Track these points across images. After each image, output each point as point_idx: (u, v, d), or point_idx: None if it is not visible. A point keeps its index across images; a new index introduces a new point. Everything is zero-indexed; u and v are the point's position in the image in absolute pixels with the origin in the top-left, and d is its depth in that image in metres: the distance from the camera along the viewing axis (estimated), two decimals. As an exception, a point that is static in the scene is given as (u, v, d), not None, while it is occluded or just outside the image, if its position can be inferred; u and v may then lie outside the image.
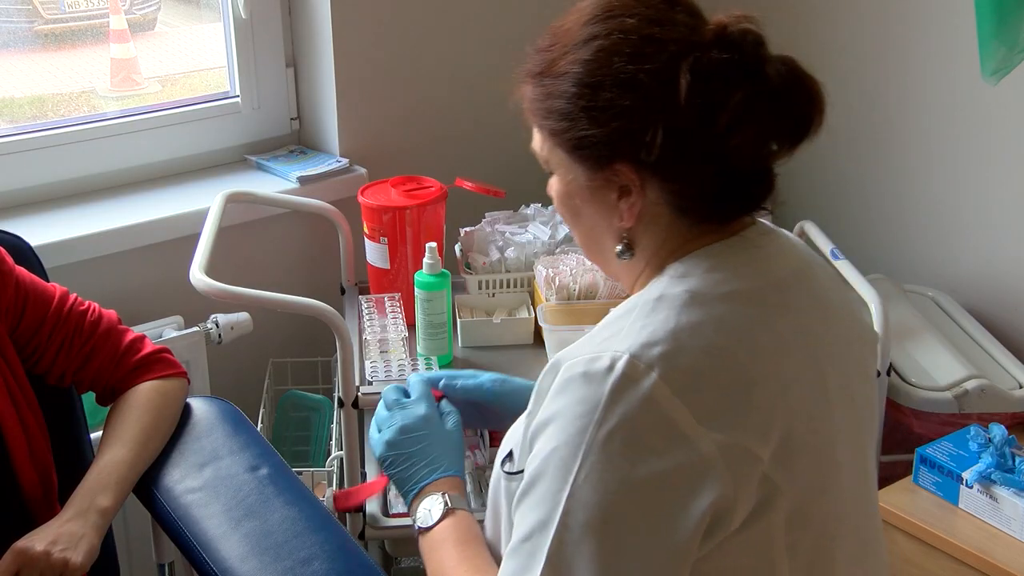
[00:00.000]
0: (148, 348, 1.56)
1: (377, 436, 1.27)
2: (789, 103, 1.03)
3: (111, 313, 1.56)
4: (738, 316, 1.03)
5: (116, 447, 1.45)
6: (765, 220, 1.14)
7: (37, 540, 1.31)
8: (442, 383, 1.34)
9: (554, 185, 1.14)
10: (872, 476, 1.19)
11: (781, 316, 1.06)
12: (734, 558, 1.01)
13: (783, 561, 1.03)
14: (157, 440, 1.51)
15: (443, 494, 1.20)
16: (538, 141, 1.13)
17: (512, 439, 1.14)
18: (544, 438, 1.01)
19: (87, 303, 1.54)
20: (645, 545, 0.97)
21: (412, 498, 1.23)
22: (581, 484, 0.97)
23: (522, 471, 1.05)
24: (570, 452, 0.98)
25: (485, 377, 1.35)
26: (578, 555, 0.97)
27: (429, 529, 1.19)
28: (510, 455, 1.12)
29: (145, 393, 1.51)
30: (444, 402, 1.32)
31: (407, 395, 1.32)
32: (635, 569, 0.97)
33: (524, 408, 1.14)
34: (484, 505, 1.25)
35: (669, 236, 1.09)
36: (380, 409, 1.31)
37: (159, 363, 1.55)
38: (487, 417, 1.36)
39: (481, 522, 1.21)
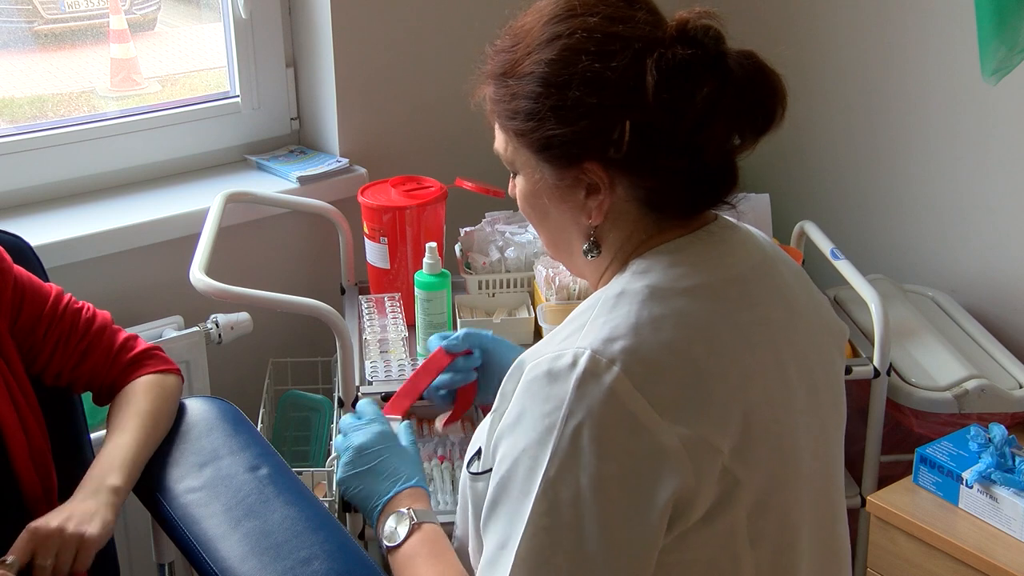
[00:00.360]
0: (141, 346, 1.57)
1: (338, 464, 1.29)
2: (753, 96, 1.05)
3: (105, 313, 1.56)
4: (698, 310, 1.04)
5: (121, 433, 1.46)
6: (727, 215, 1.15)
7: (51, 518, 1.32)
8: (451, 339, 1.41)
9: (518, 185, 1.15)
10: (838, 466, 1.19)
11: (742, 309, 1.07)
12: (697, 551, 1.02)
13: (746, 552, 1.04)
14: (161, 425, 1.52)
15: (408, 509, 1.21)
16: (501, 142, 1.14)
17: (479, 438, 1.15)
18: (511, 439, 1.02)
19: (81, 303, 1.54)
20: (616, 538, 0.98)
21: (377, 516, 1.23)
22: (552, 482, 0.98)
23: (489, 471, 1.06)
24: (539, 451, 0.99)
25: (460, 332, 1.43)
26: (553, 552, 0.98)
27: (398, 547, 1.19)
28: (478, 453, 1.13)
29: (144, 384, 1.53)
30: (400, 423, 1.34)
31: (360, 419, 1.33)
32: (607, 562, 0.98)
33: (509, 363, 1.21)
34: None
35: (635, 232, 1.10)
36: (337, 439, 1.33)
37: (153, 359, 1.56)
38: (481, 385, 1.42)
39: (450, 530, 1.22)
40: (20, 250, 1.60)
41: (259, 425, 2.06)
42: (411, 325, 1.97)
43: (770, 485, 1.05)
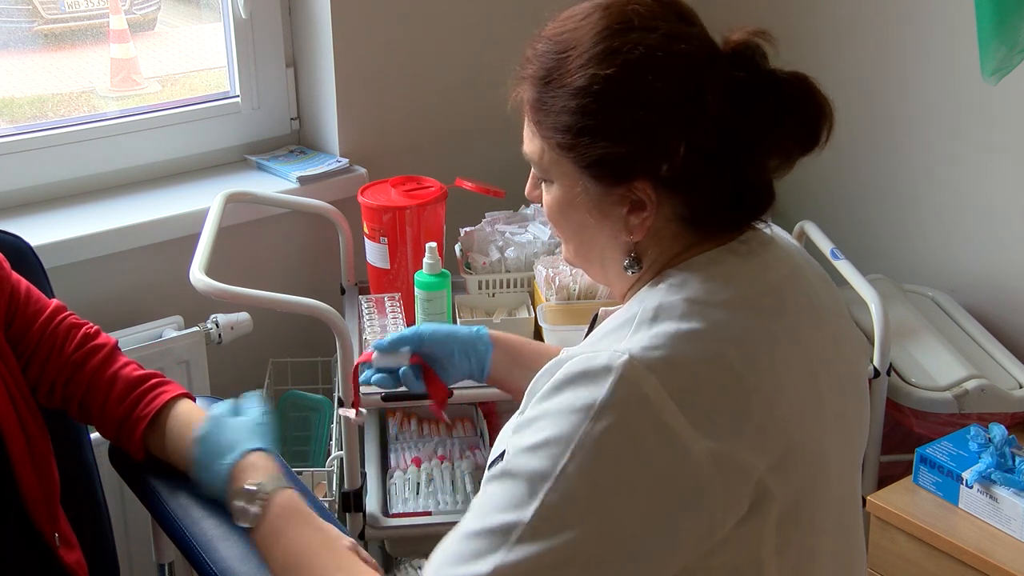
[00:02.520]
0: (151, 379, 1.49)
1: None
2: (804, 118, 1.05)
3: (109, 338, 1.51)
4: (735, 323, 1.03)
5: None
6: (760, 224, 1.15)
7: None
8: (374, 344, 1.42)
9: (551, 194, 1.12)
10: (858, 477, 1.19)
11: (776, 320, 1.06)
12: (722, 557, 1.01)
13: (771, 561, 1.04)
14: None
15: (251, 484, 1.22)
16: (535, 148, 1.11)
17: (503, 440, 1.12)
18: (533, 430, 0.99)
19: (85, 322, 1.50)
20: (626, 545, 0.96)
21: (225, 496, 1.24)
22: (568, 476, 0.95)
23: None
24: (561, 445, 0.96)
25: (412, 329, 1.44)
26: (551, 547, 0.94)
27: (257, 528, 1.20)
28: (501, 456, 1.10)
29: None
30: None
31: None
32: (614, 565, 0.96)
33: (455, 355, 1.36)
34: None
35: (672, 246, 1.09)
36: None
37: (165, 385, 1.49)
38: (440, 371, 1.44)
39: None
40: (20, 250, 1.60)
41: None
42: (411, 325, 1.96)
43: (801, 497, 1.04)
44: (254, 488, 1.23)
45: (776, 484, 1.00)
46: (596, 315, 1.26)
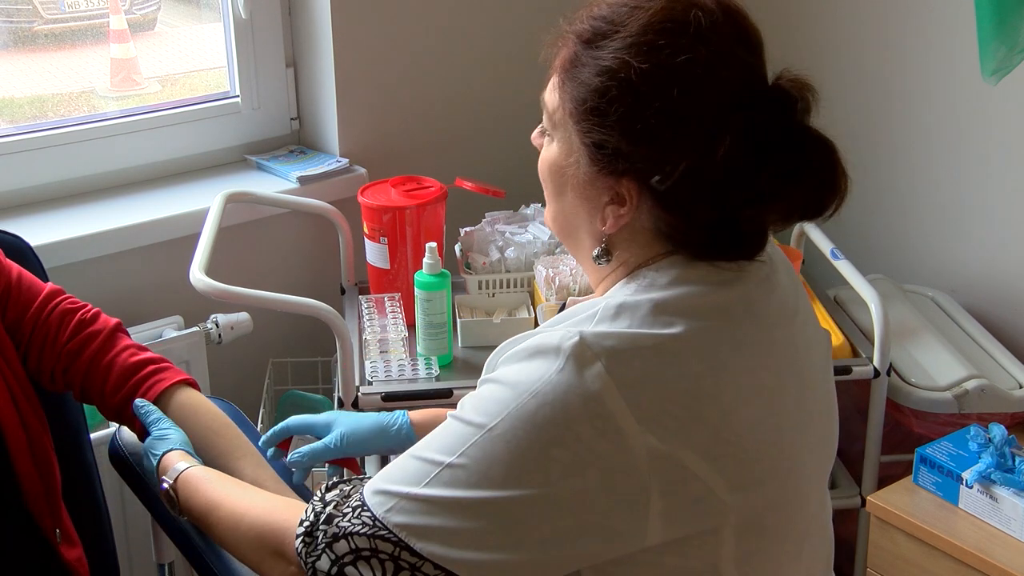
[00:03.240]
0: (146, 356, 1.48)
1: None
2: (818, 185, 1.03)
3: (109, 319, 1.50)
4: (697, 329, 1.02)
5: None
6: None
7: None
8: (289, 460, 1.42)
9: (548, 151, 1.11)
10: (827, 480, 1.19)
11: (743, 328, 1.05)
12: (673, 559, 1.01)
13: (730, 570, 1.03)
14: None
15: (166, 475, 1.29)
16: (553, 101, 1.08)
17: None
18: (485, 389, 1.03)
19: (81, 304, 1.49)
20: (532, 518, 0.98)
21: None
22: (494, 437, 0.98)
23: None
24: (500, 407, 0.99)
25: (333, 438, 1.40)
26: (462, 496, 0.98)
27: (177, 504, 1.27)
28: None
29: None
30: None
31: None
32: (514, 536, 0.98)
33: (374, 449, 1.37)
34: None
35: (647, 252, 1.07)
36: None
37: (166, 371, 1.48)
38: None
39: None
40: (20, 250, 1.60)
41: (259, 425, 2.06)
42: (411, 325, 1.96)
43: (767, 507, 1.03)
44: (164, 487, 1.29)
45: (731, 493, 1.00)
46: (564, 303, 1.25)
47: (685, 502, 0.98)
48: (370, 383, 1.85)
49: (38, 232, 1.86)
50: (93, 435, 1.66)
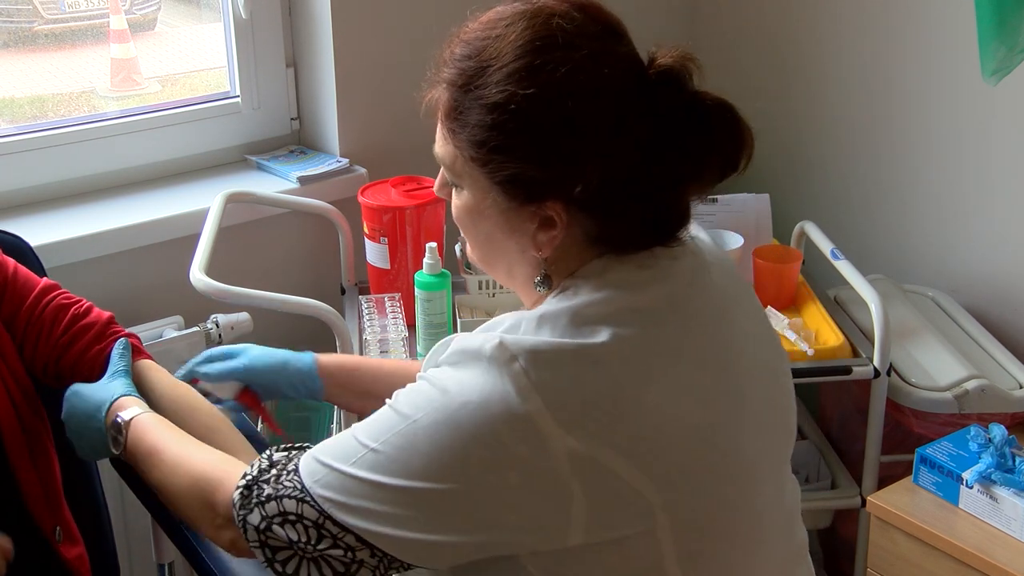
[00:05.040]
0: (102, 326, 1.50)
1: None
2: (726, 149, 1.04)
3: (102, 313, 1.51)
4: (623, 336, 1.01)
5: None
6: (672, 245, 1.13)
7: None
8: (188, 370, 1.45)
9: (460, 200, 1.10)
10: (784, 474, 1.17)
11: (671, 329, 1.05)
12: (612, 558, 1.02)
13: (674, 569, 1.03)
14: None
15: (122, 412, 1.29)
16: (448, 153, 1.09)
17: None
18: (409, 387, 1.05)
19: (75, 299, 1.50)
20: (448, 513, 1.00)
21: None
22: (417, 428, 1.00)
23: None
24: (421, 402, 1.01)
25: (241, 360, 1.44)
26: (380, 481, 1.01)
27: (124, 443, 1.28)
28: None
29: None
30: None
31: None
32: (429, 528, 1.00)
33: (283, 389, 1.41)
34: None
35: (578, 260, 1.07)
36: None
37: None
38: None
39: None
40: (20, 250, 1.60)
41: (259, 426, 2.06)
42: (411, 325, 1.96)
43: (703, 504, 1.03)
44: (119, 421, 1.30)
45: (659, 493, 0.99)
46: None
47: (610, 503, 0.99)
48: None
49: (38, 232, 1.86)
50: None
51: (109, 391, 1.34)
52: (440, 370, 1.04)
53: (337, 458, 1.04)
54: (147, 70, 2.28)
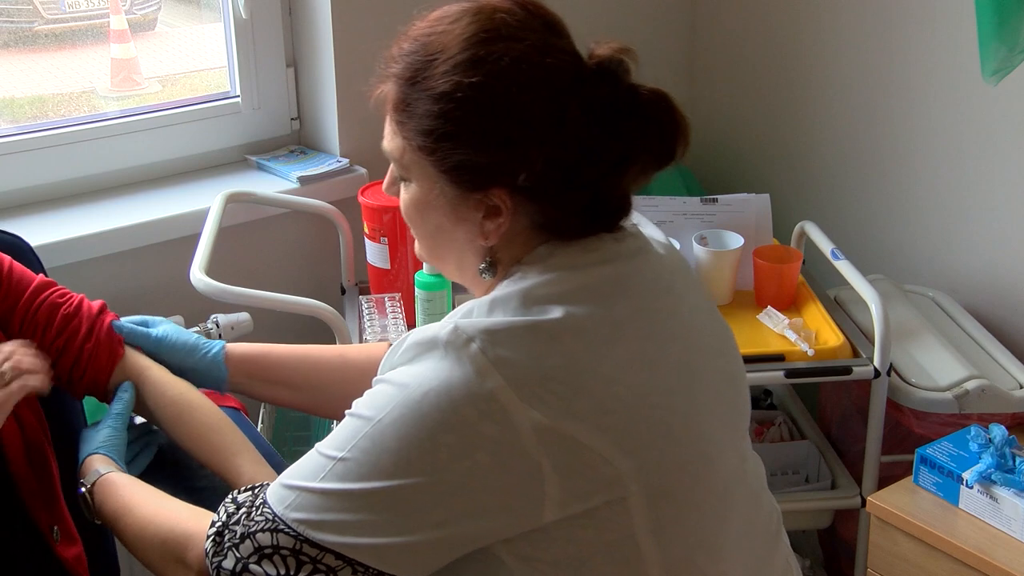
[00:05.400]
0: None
1: None
2: (663, 137, 1.07)
3: (92, 305, 1.49)
4: (573, 313, 1.04)
5: None
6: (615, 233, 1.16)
7: None
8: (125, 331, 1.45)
9: (408, 193, 1.13)
10: (743, 450, 1.19)
11: (617, 304, 1.07)
12: (586, 532, 1.03)
13: (648, 539, 1.04)
14: None
15: (84, 478, 1.31)
16: (396, 146, 1.12)
17: None
18: (367, 393, 1.06)
19: (68, 296, 1.48)
20: (426, 506, 1.01)
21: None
22: (381, 429, 1.01)
23: None
24: (382, 402, 1.02)
25: (154, 331, 1.46)
26: (354, 488, 1.01)
27: (92, 508, 1.29)
28: None
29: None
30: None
31: None
32: (407, 524, 1.01)
33: (188, 374, 1.41)
34: None
35: (524, 249, 1.10)
36: None
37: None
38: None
39: None
40: (20, 250, 1.59)
41: (259, 425, 2.06)
42: (411, 325, 1.96)
43: (667, 467, 1.05)
44: (82, 491, 1.32)
45: (626, 459, 1.02)
46: None
47: (580, 474, 1.01)
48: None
49: (38, 232, 1.86)
50: (93, 435, 1.65)
51: (84, 449, 1.37)
52: (396, 370, 1.05)
53: (305, 478, 1.05)
54: (147, 70, 2.28)
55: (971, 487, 1.76)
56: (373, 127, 2.30)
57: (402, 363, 1.06)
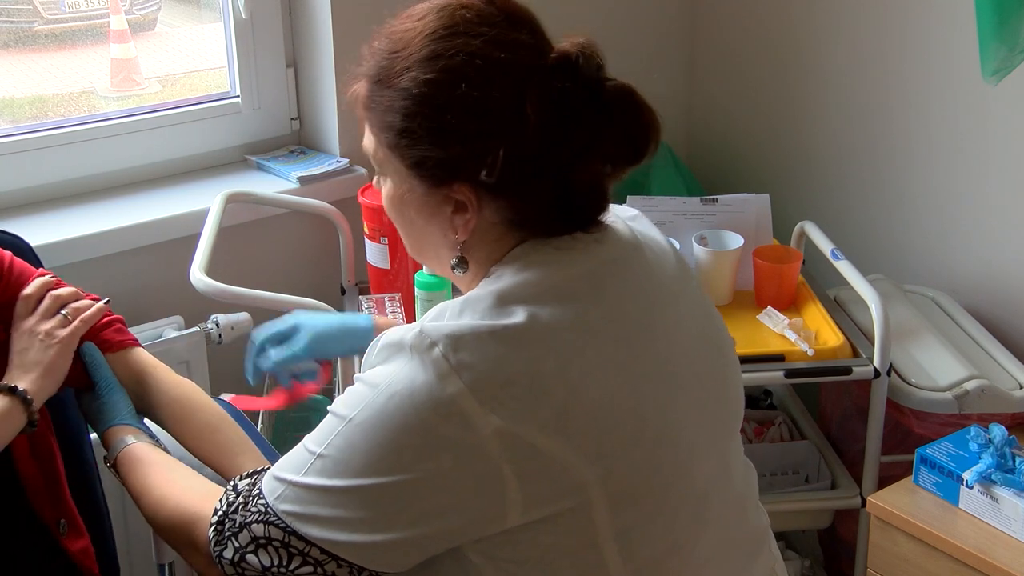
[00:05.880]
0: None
1: None
2: (629, 131, 1.07)
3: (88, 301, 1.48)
4: (542, 315, 1.04)
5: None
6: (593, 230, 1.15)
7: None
8: (252, 362, 1.49)
9: (385, 188, 1.16)
10: (731, 455, 1.18)
11: (591, 306, 1.06)
12: (548, 538, 1.03)
13: (610, 546, 1.04)
14: None
15: (109, 450, 1.34)
16: (371, 143, 1.14)
17: None
18: (347, 390, 1.08)
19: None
20: (391, 506, 1.02)
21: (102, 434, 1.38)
22: (352, 429, 1.03)
23: None
24: (355, 401, 1.04)
25: (297, 346, 1.47)
26: (329, 484, 1.04)
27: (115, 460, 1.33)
28: None
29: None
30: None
31: None
32: (374, 523, 1.02)
33: (344, 349, 1.45)
34: None
35: (501, 247, 1.10)
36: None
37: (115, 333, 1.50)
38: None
39: None
40: (20, 250, 1.59)
41: (259, 425, 2.06)
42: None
43: (634, 475, 1.04)
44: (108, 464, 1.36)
45: (589, 466, 1.01)
46: None
47: (541, 480, 1.01)
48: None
49: (38, 232, 1.86)
50: (93, 435, 1.66)
51: (107, 417, 1.39)
52: (373, 369, 1.07)
53: (291, 471, 1.08)
54: (147, 70, 2.28)
55: (971, 487, 1.76)
56: (373, 127, 2.31)
57: (377, 363, 1.07)
